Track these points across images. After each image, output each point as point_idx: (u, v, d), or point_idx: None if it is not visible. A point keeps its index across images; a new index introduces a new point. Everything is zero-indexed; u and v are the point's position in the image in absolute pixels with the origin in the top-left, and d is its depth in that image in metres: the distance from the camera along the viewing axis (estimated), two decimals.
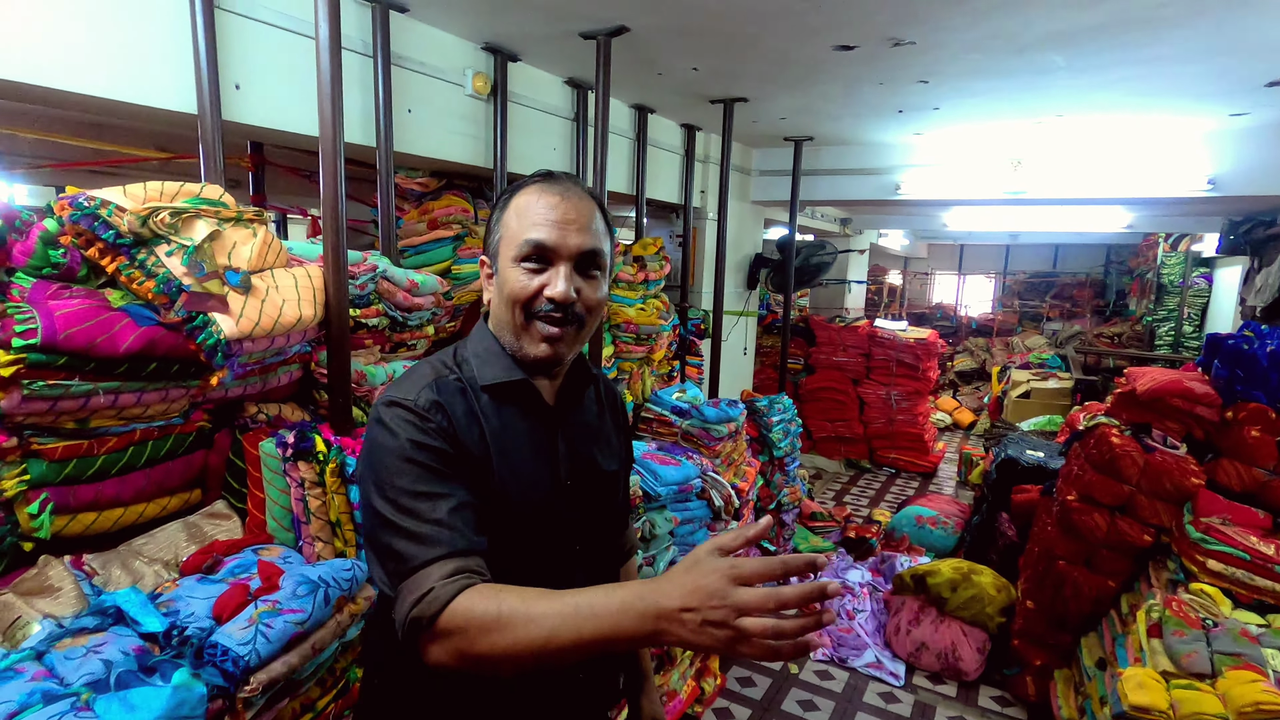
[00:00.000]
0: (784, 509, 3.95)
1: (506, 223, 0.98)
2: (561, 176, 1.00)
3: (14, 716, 0.94)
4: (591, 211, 0.98)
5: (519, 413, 0.99)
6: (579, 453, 1.05)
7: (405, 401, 0.91)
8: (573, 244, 0.94)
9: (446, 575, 0.80)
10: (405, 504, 0.85)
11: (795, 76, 2.90)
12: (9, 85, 1.48)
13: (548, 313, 0.94)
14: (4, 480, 1.19)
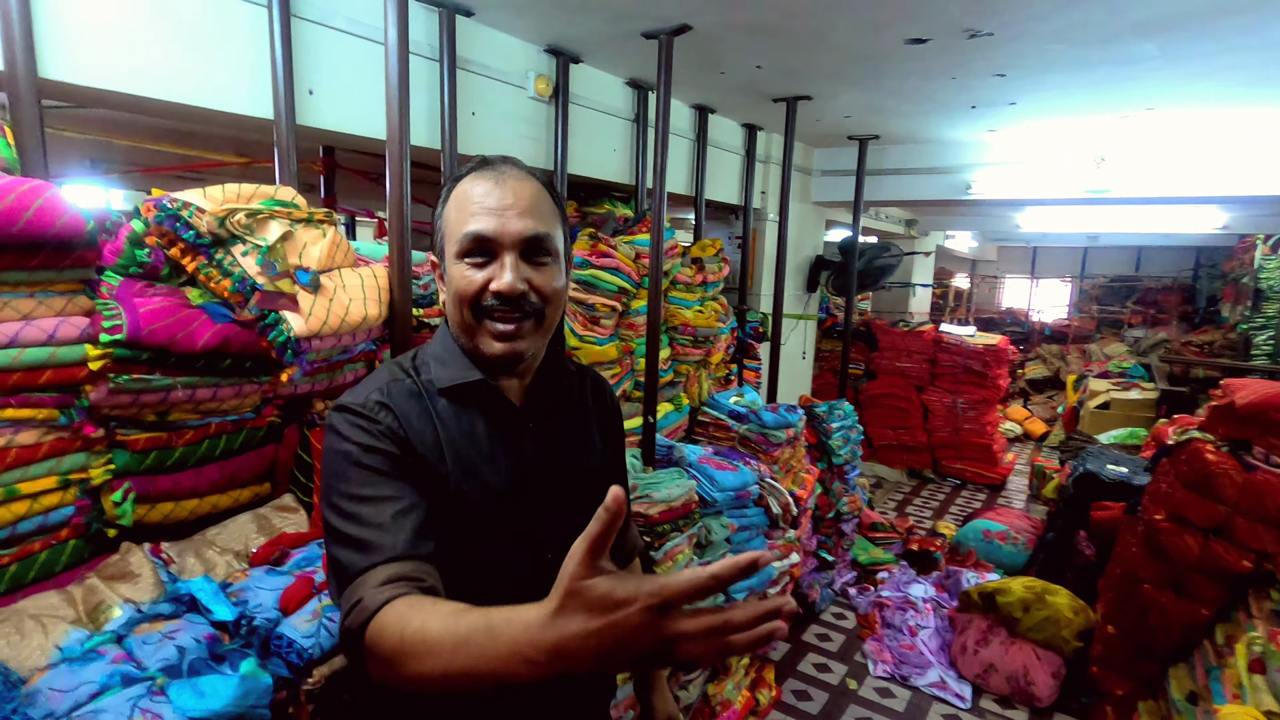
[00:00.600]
0: (843, 518, 3.83)
1: (446, 217, 0.93)
2: (498, 160, 0.93)
3: (96, 696, 0.98)
4: (533, 193, 0.91)
5: (480, 414, 0.94)
6: (551, 453, 0.98)
7: (352, 405, 0.88)
8: (513, 230, 0.88)
9: (379, 583, 0.76)
10: (349, 509, 0.82)
11: (863, 72, 2.81)
12: (110, 94, 1.56)
13: (498, 308, 0.89)
14: (92, 469, 1.25)
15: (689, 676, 2.41)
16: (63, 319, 1.20)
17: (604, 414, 1.12)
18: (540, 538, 0.95)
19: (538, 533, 0.95)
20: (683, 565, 2.23)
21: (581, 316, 2.64)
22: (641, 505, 2.15)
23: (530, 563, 0.94)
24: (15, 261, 1.14)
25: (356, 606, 0.75)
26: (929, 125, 3.72)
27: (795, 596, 3.54)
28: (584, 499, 1.00)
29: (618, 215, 3.16)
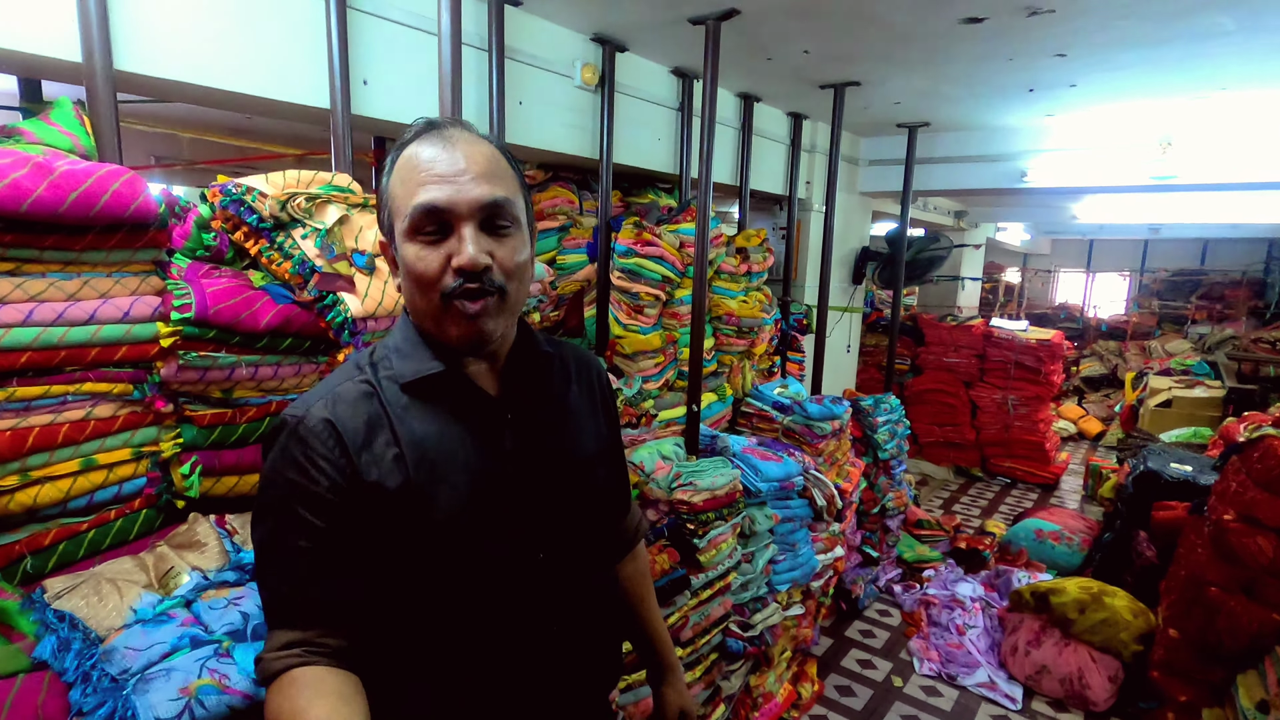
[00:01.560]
0: (888, 514, 3.76)
1: (392, 191, 0.83)
2: (445, 122, 0.84)
3: (167, 656, 1.03)
4: (488, 155, 0.82)
5: (449, 410, 0.85)
6: (536, 443, 0.90)
7: (293, 420, 0.82)
8: (470, 198, 0.79)
9: (278, 647, 0.78)
10: (268, 547, 0.82)
11: (915, 56, 2.74)
12: (179, 85, 1.62)
13: (462, 287, 0.79)
14: (162, 442, 1.31)
15: (731, 667, 2.40)
16: (137, 298, 1.25)
17: (594, 391, 1.04)
18: (529, 538, 0.89)
19: (526, 532, 0.89)
20: (725, 554, 2.22)
21: (626, 305, 2.65)
22: (685, 493, 2.14)
23: (519, 565, 0.88)
24: (95, 242, 1.20)
25: (259, 665, 0.80)
26: (983, 110, 3.60)
27: (838, 591, 3.49)
28: (576, 488, 0.95)
29: (661, 205, 3.16)
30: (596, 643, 1.00)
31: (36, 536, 1.18)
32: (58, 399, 1.18)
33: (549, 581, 0.91)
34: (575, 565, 0.96)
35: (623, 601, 1.18)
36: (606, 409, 1.07)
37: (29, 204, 1.09)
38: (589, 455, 0.99)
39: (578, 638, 0.96)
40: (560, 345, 1.04)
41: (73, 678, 0.99)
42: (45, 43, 1.39)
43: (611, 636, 1.07)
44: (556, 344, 1.02)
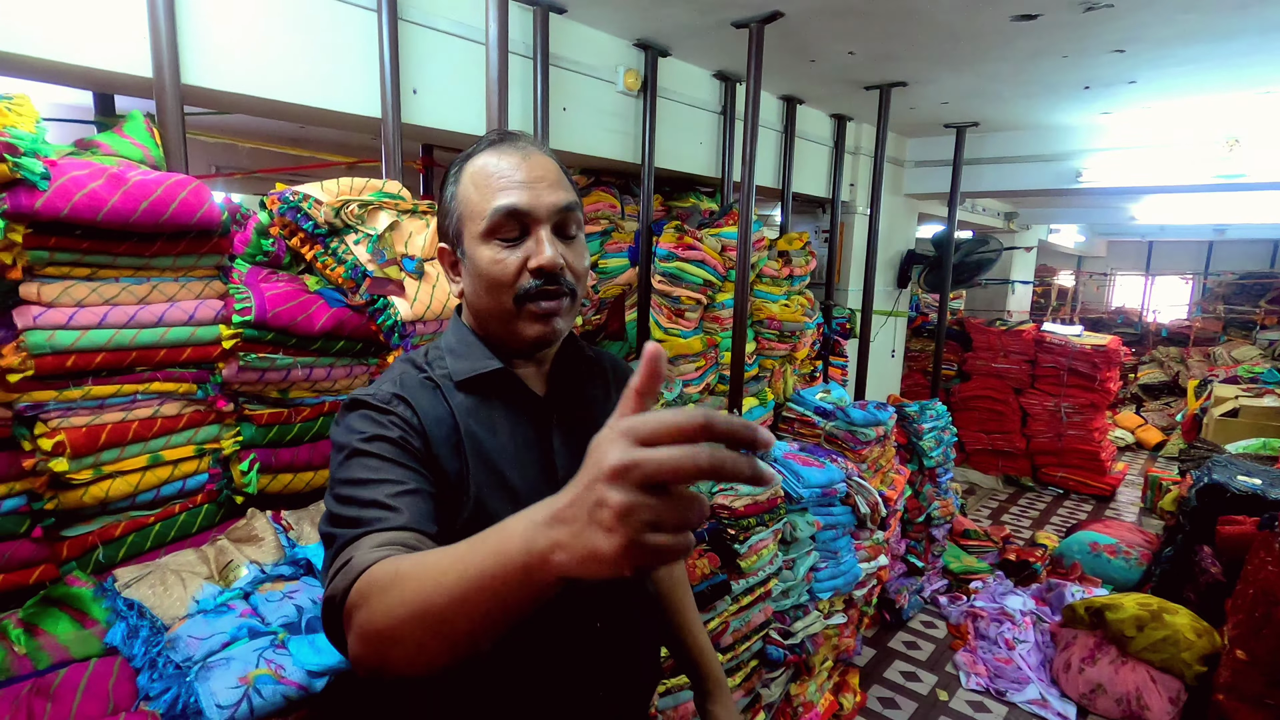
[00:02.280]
0: (934, 523, 3.67)
1: (464, 197, 0.86)
2: (516, 134, 0.89)
3: (226, 645, 1.07)
4: (556, 167, 0.88)
5: (503, 408, 0.88)
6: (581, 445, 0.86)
7: (364, 398, 0.83)
8: (548, 202, 0.83)
9: (372, 546, 0.67)
10: (347, 494, 0.75)
11: (964, 55, 2.68)
12: (241, 98, 1.69)
13: (539, 289, 0.82)
14: (223, 440, 1.36)
15: (771, 675, 2.37)
16: (201, 301, 1.31)
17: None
18: None
19: None
20: (766, 560, 2.20)
21: (666, 309, 2.65)
22: (726, 498, 2.13)
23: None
24: (163, 248, 1.26)
25: (343, 568, 0.65)
26: (1035, 109, 3.50)
27: (882, 601, 3.43)
28: None
29: (703, 209, 3.15)
30: (637, 643, 1.00)
31: (108, 528, 1.25)
32: (128, 398, 1.24)
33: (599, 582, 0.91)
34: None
35: (660, 609, 1.17)
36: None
37: (105, 213, 1.15)
38: None
39: (619, 637, 0.96)
40: (599, 352, 1.07)
41: (140, 664, 1.04)
42: (119, 60, 1.46)
43: (651, 638, 1.07)
44: (595, 350, 1.06)
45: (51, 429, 1.16)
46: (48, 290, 1.15)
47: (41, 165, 1.12)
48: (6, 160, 1.07)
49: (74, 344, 1.16)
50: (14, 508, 1.16)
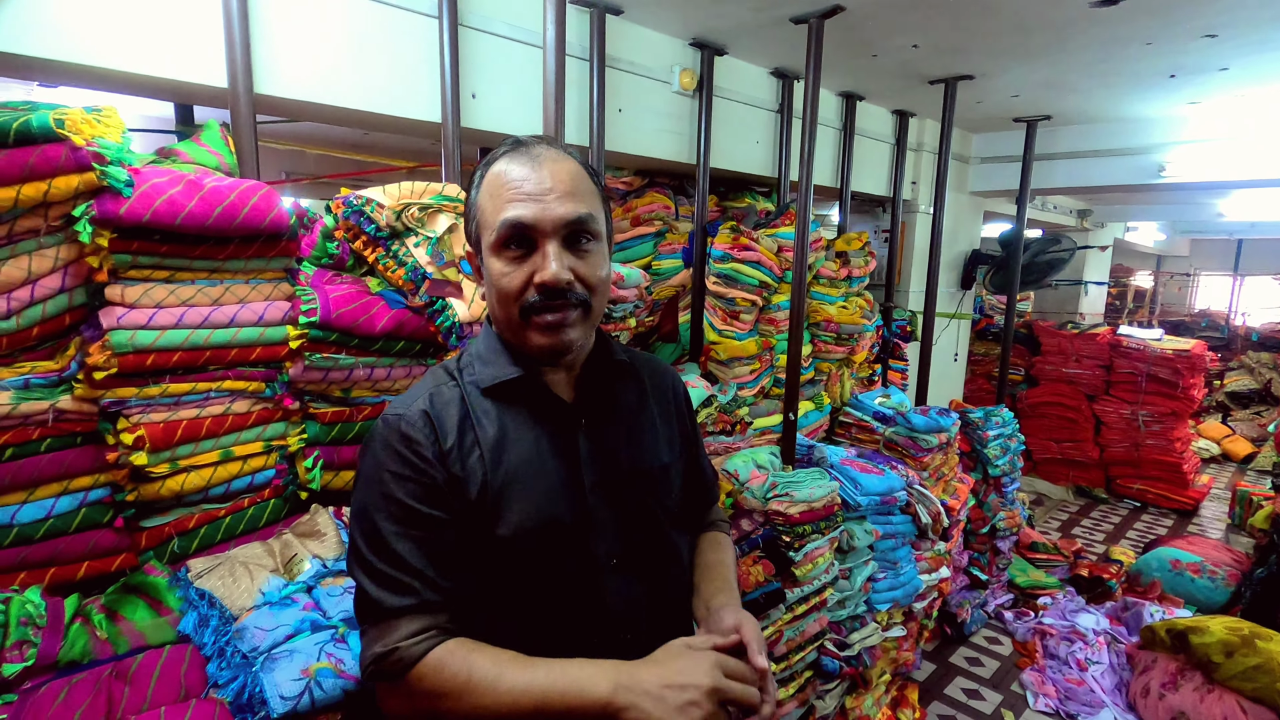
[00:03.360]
0: (999, 534, 3.52)
1: (481, 205, 0.87)
2: (532, 140, 0.88)
3: (290, 638, 1.10)
4: (573, 173, 0.85)
5: (527, 414, 0.89)
6: (609, 451, 0.91)
7: (394, 420, 0.86)
8: (554, 216, 0.82)
9: (413, 634, 0.80)
10: (378, 540, 0.82)
11: (1037, 45, 2.55)
12: (310, 105, 1.75)
13: (543, 302, 0.83)
14: (289, 437, 1.41)
15: (826, 686, 2.31)
16: (270, 303, 1.36)
17: (667, 401, 1.04)
18: (599, 540, 0.90)
19: (596, 535, 0.89)
20: (822, 569, 2.15)
21: (721, 310, 2.62)
22: (781, 504, 2.09)
23: (590, 568, 0.89)
24: (236, 251, 1.30)
25: (392, 656, 0.79)
26: (1113, 101, 3.31)
27: (943, 615, 3.30)
28: (652, 492, 0.95)
29: (759, 209, 3.10)
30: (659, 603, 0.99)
31: (182, 520, 1.30)
32: (202, 395, 1.29)
33: (622, 586, 0.91)
34: (649, 570, 0.95)
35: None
36: (681, 417, 1.07)
37: (183, 217, 1.20)
38: (663, 463, 0.99)
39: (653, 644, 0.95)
40: (634, 355, 1.05)
41: (210, 652, 1.08)
42: (198, 71, 1.53)
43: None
44: (631, 353, 1.05)
45: (132, 424, 1.21)
46: (130, 292, 1.21)
47: (126, 173, 1.17)
48: (95, 169, 1.13)
49: (153, 343, 1.21)
50: (98, 498, 1.22)
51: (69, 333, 1.22)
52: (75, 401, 1.18)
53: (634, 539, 0.93)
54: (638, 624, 0.92)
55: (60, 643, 1.04)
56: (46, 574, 1.16)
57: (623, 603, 0.91)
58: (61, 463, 1.18)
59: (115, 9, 1.41)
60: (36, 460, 1.16)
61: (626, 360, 0.99)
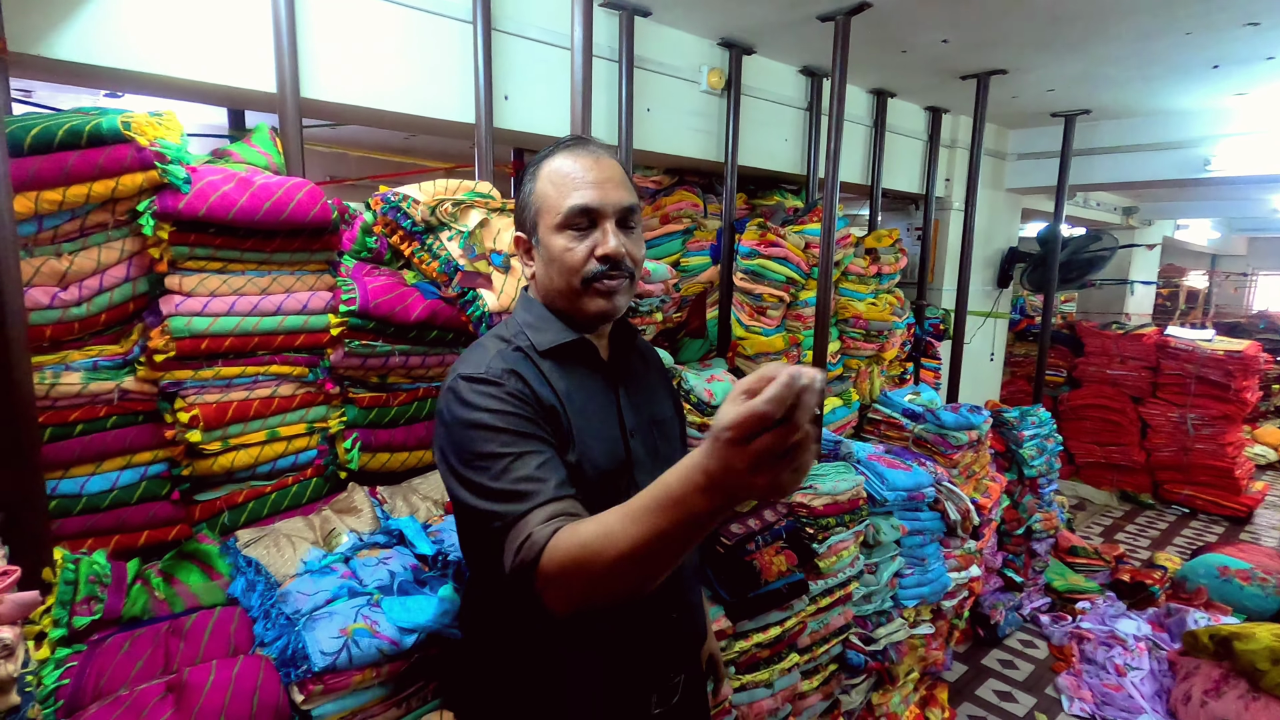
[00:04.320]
0: (1035, 536, 3.46)
1: (543, 193, 1.00)
2: (586, 139, 1.03)
3: (329, 602, 1.17)
4: (620, 169, 1.01)
5: (583, 371, 1.02)
6: (637, 402, 1.07)
7: (477, 374, 0.92)
8: (614, 200, 0.97)
9: (543, 520, 0.80)
10: (495, 468, 0.86)
11: (1071, 38, 2.52)
12: (353, 108, 1.84)
13: (604, 272, 0.97)
14: (330, 419, 1.49)
15: (852, 681, 2.31)
16: (313, 293, 1.44)
17: (657, 367, 1.21)
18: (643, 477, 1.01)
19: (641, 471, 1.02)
20: (847, 562, 2.16)
21: (748, 306, 2.65)
22: (805, 496, 2.10)
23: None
24: (282, 244, 1.39)
25: (526, 543, 0.79)
26: (1154, 93, 3.24)
27: (975, 617, 3.26)
28: (668, 438, 1.12)
29: (787, 206, 3.12)
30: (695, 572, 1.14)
31: (232, 495, 1.39)
32: (251, 378, 1.39)
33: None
34: None
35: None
36: (668, 385, 1.23)
37: (235, 212, 1.29)
38: (669, 417, 1.16)
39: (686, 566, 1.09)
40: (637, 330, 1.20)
41: (257, 614, 1.16)
42: (249, 78, 1.63)
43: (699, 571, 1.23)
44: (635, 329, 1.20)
45: (188, 404, 1.31)
46: (187, 281, 1.30)
47: (185, 171, 1.27)
48: (157, 167, 1.23)
49: (207, 329, 1.31)
50: (158, 472, 1.32)
51: (133, 319, 1.32)
52: (138, 382, 1.29)
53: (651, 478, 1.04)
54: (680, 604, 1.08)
55: (123, 601, 1.13)
56: (111, 540, 1.26)
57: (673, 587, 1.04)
58: (125, 439, 1.28)
59: (175, 21, 1.52)
60: (104, 436, 1.26)
61: (634, 330, 1.16)
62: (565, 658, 0.98)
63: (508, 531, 0.82)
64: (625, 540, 0.69)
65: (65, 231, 1.21)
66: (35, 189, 1.15)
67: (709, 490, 0.62)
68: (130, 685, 1.01)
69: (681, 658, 1.10)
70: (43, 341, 1.21)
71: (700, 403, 2.22)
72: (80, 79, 1.60)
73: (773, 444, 0.56)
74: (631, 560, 0.70)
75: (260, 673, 1.03)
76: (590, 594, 0.75)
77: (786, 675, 2.02)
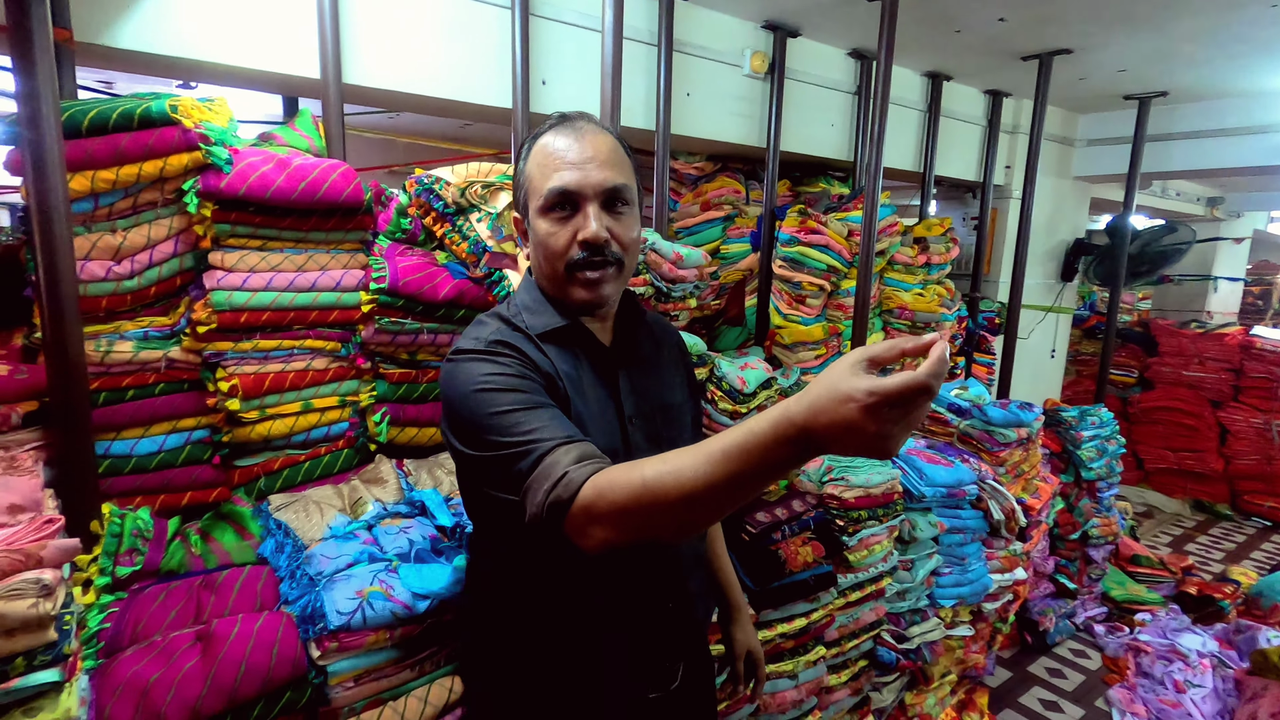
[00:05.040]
0: (1091, 542, 3.29)
1: (529, 174, 0.96)
2: (575, 116, 0.97)
3: (350, 566, 1.22)
4: (611, 146, 0.95)
5: (579, 354, 0.99)
6: (641, 387, 1.04)
7: (471, 349, 0.91)
8: (595, 181, 0.92)
9: (575, 460, 0.76)
10: (505, 423, 0.82)
11: (1143, 13, 2.37)
12: (390, 94, 1.91)
13: (585, 259, 0.93)
14: (361, 393, 1.55)
15: (883, 679, 2.26)
16: (346, 271, 1.50)
17: (673, 352, 1.16)
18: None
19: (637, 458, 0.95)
20: (880, 556, 2.10)
21: (787, 295, 2.61)
22: (836, 488, 2.06)
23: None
24: (317, 224, 1.45)
25: (561, 481, 0.75)
26: (1239, 73, 3.01)
27: (1023, 622, 3.14)
28: (675, 425, 1.08)
29: (833, 193, 3.05)
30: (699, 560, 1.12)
31: (269, 462, 1.46)
32: (287, 351, 1.45)
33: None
34: None
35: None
36: (685, 368, 1.19)
37: (272, 191, 1.35)
38: (677, 401, 1.11)
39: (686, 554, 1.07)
40: (646, 313, 1.16)
41: (283, 574, 1.22)
42: (294, 64, 1.70)
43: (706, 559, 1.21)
44: (644, 311, 1.16)
45: (228, 374, 1.38)
46: (229, 258, 1.37)
47: (227, 152, 1.33)
48: (201, 148, 1.30)
49: (247, 303, 1.37)
50: (200, 438, 1.40)
51: (181, 292, 1.40)
52: (183, 352, 1.36)
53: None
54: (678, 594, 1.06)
55: (162, 555, 1.21)
56: (157, 500, 1.34)
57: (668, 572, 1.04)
58: (171, 405, 1.36)
59: (227, 10, 1.60)
60: (152, 401, 1.35)
61: (646, 314, 1.12)
62: (560, 637, 0.99)
63: (532, 470, 0.78)
64: (698, 481, 0.67)
65: (119, 209, 1.30)
66: (91, 169, 1.23)
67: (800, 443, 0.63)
68: (164, 632, 1.08)
69: (678, 646, 1.09)
70: (99, 312, 1.30)
71: (732, 390, 2.20)
72: (142, 68, 1.70)
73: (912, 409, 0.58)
74: (697, 502, 0.68)
75: (281, 628, 1.09)
76: (640, 530, 0.73)
77: (812, 668, 1.99)
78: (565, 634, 0.99)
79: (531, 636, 1.00)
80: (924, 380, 0.57)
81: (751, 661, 1.34)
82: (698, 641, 1.15)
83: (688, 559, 1.10)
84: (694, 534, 0.75)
